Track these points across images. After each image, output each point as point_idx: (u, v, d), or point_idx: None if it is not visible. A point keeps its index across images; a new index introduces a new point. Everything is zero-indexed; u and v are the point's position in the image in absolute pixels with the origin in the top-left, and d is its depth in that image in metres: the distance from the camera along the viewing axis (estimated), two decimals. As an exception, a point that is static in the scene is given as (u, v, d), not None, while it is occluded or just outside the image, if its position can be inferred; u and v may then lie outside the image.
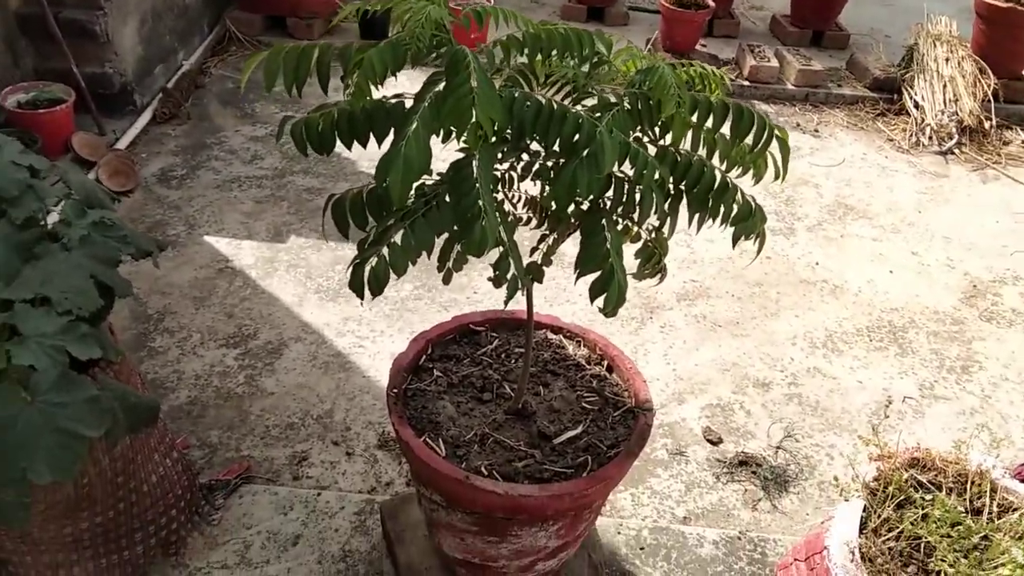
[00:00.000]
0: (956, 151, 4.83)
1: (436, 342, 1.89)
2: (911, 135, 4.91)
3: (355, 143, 1.27)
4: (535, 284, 1.62)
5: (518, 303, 1.63)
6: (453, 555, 1.80)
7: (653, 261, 1.47)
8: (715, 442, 2.63)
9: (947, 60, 5.08)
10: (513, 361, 1.87)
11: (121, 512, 1.84)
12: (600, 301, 1.26)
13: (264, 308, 3.03)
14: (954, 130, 4.89)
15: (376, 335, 2.94)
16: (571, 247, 1.32)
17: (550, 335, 1.97)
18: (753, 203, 1.36)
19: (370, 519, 2.17)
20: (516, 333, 1.96)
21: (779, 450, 2.61)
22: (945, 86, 4.99)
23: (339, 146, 1.32)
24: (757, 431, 2.68)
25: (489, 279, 1.35)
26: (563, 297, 3.21)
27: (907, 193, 4.30)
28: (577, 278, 1.29)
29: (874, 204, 4.14)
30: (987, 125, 4.93)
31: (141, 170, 3.77)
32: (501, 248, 1.21)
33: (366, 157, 4.06)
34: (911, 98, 5.05)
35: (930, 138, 4.89)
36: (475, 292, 3.21)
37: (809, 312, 3.29)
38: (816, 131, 4.88)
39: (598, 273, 1.24)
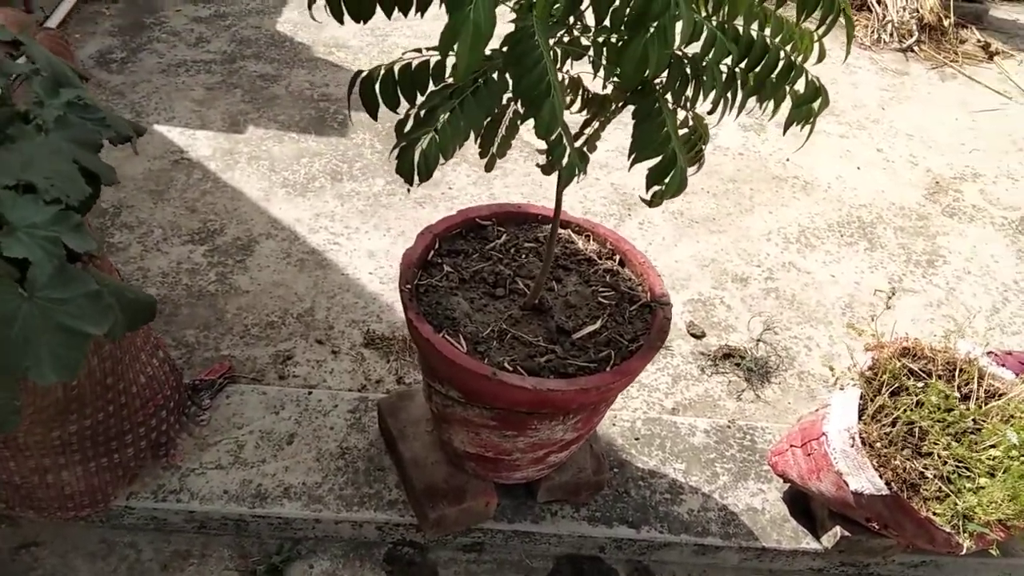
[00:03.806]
0: (916, 48, 4.85)
1: (443, 236, 1.81)
2: (873, 31, 4.89)
3: (396, 9, 1.13)
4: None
5: (496, 193, 1.55)
6: (464, 449, 1.78)
7: (695, 150, 1.40)
8: (698, 336, 2.66)
9: (911, -46, 5.02)
10: (523, 256, 1.81)
11: (111, 414, 1.74)
12: (653, 190, 1.20)
13: (228, 203, 2.86)
14: (915, 27, 4.89)
15: (351, 232, 2.82)
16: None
17: (559, 230, 1.90)
18: (818, 83, 1.30)
19: (365, 416, 2.13)
20: (524, 227, 1.89)
21: (759, 343, 2.66)
22: (909, -19, 4.94)
23: (290, 29, 1.18)
24: (738, 324, 2.72)
25: (538, 165, 1.26)
26: (540, 193, 3.13)
27: (871, 90, 4.31)
28: (632, 163, 1.22)
29: (840, 101, 4.14)
30: (946, 23, 4.94)
31: (76, 52, 3.44)
32: (559, 131, 1.12)
33: (320, 43, 3.80)
34: (875, -7, 5.00)
35: (891, 35, 4.88)
36: (449, 188, 3.10)
37: (782, 208, 3.31)
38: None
39: (657, 159, 1.17)
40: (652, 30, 1.05)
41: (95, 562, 1.84)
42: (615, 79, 1.14)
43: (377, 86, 1.28)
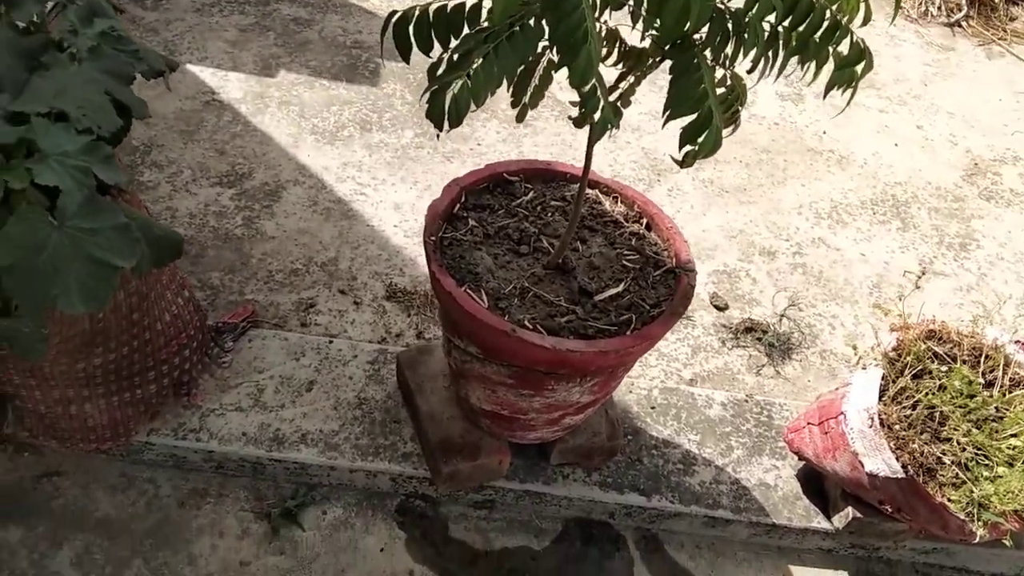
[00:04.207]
0: (963, 24, 4.69)
1: (470, 190, 1.79)
2: (920, 3, 4.73)
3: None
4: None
5: (526, 151, 1.53)
6: (481, 406, 1.79)
7: (732, 111, 1.37)
8: (721, 308, 2.63)
9: (968, -74, 4.83)
10: (549, 214, 1.79)
11: (135, 350, 1.76)
12: (685, 150, 1.18)
13: (257, 147, 2.85)
14: (964, 1, 4.73)
15: (378, 183, 2.81)
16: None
17: (587, 190, 1.88)
18: (863, 46, 1.26)
19: (384, 369, 2.14)
20: (551, 185, 1.86)
21: (783, 318, 2.63)
22: (963, -46, 4.76)
23: None
24: (762, 299, 2.69)
25: (570, 118, 1.24)
26: (569, 154, 3.09)
27: (914, 64, 4.19)
28: (666, 120, 1.19)
29: (881, 74, 4.02)
30: (997, -1, 4.78)
31: (111, -14, 3.42)
32: (593, 81, 1.09)
33: (356, -12, 3.75)
34: (927, -35, 4.83)
35: (939, 8, 4.72)
36: (479, 143, 3.07)
37: (815, 182, 3.25)
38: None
39: (693, 116, 1.14)
40: (697, -19, 1.02)
41: (115, 495, 1.88)
42: (654, 31, 1.10)
43: (411, 27, 1.25)
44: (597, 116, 1.13)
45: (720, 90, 1.38)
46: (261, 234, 2.53)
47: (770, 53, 1.25)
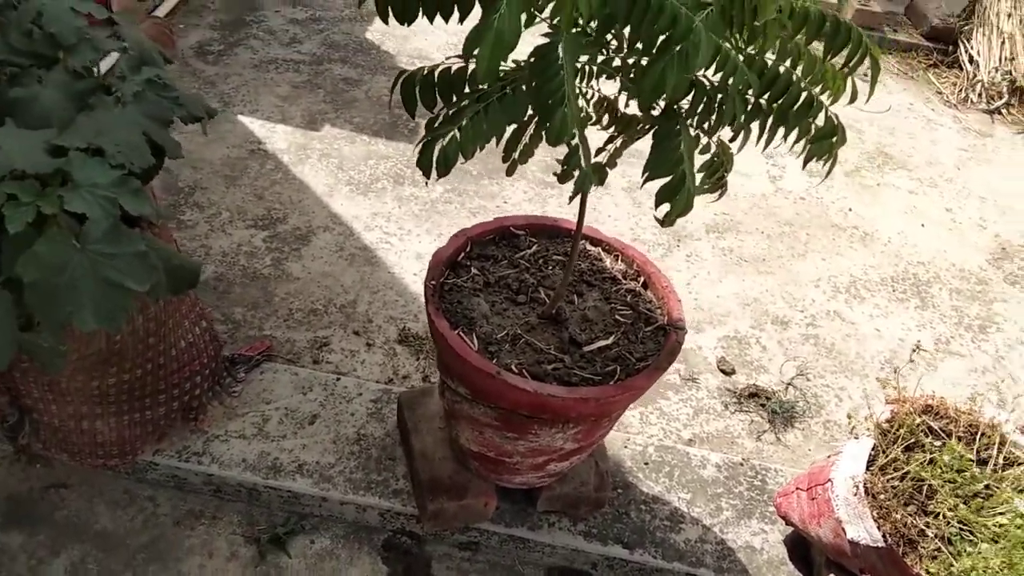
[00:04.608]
0: (1004, 111, 4.72)
1: (476, 240, 1.89)
2: (961, 90, 4.79)
3: (438, 15, 1.22)
4: (580, 194, 1.60)
5: (550, 211, 1.62)
6: (469, 447, 1.85)
7: (717, 176, 1.45)
8: (728, 372, 2.66)
9: (1010, 16, 4.90)
10: (550, 268, 1.88)
11: (148, 372, 1.87)
12: (663, 209, 1.26)
13: (294, 194, 3.02)
14: (1005, 89, 4.76)
15: (404, 233, 2.94)
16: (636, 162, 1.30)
17: (589, 247, 1.96)
18: (836, 121, 1.33)
19: (386, 408, 2.22)
20: (555, 241, 1.95)
21: (790, 387, 2.64)
22: (1004, 43, 4.83)
23: (378, 38, 1.28)
24: (770, 366, 2.71)
25: (554, 174, 1.33)
26: (593, 216, 3.19)
27: (949, 148, 4.22)
28: (645, 181, 1.28)
29: (915, 156, 4.07)
30: (1039, 89, 4.80)
31: (179, 41, 3.69)
32: (574, 141, 1.18)
33: (404, 53, 3.97)
34: (966, 51, 4.91)
35: (979, 95, 4.77)
36: (505, 202, 3.20)
37: (836, 257, 3.28)
38: (865, 75, 4.74)
39: (668, 178, 1.23)
40: (675, 54, 1.11)
41: (115, 510, 1.97)
42: (635, 100, 1.20)
43: (417, 87, 1.37)
44: (576, 173, 1.22)
45: (705, 157, 1.47)
46: (287, 275, 2.67)
47: (755, 125, 1.33)
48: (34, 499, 1.96)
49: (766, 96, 1.31)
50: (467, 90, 1.38)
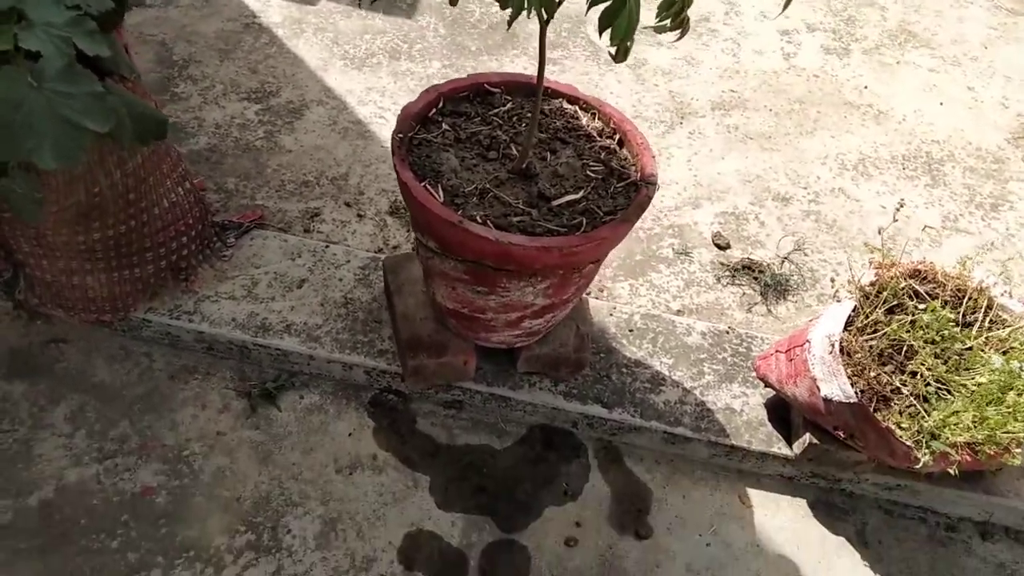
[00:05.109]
0: (1044, -13, 4.42)
1: (449, 97, 1.86)
2: (999, -35, 4.49)
3: None
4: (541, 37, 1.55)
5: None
6: (445, 304, 1.87)
7: (675, 9, 1.39)
8: (722, 247, 2.63)
9: None
10: (524, 125, 1.84)
11: (132, 229, 1.91)
12: (607, 36, 1.21)
13: (288, 68, 2.98)
14: (1048, -36, 4.45)
15: (398, 108, 2.89)
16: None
17: (566, 105, 1.92)
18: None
19: (374, 275, 2.24)
20: (531, 98, 1.91)
21: (785, 261, 2.61)
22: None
23: None
24: (767, 242, 2.68)
25: None
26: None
27: (977, 27, 3.99)
28: (589, 7, 1.23)
29: (940, 34, 3.86)
30: (1086, -39, 4.48)
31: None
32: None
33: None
34: (1009, -79, 4.57)
35: (1019, -30, 4.47)
36: (504, 76, 3.12)
37: (846, 134, 3.17)
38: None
39: (609, 1, 1.18)
40: None
41: (112, 364, 2.05)
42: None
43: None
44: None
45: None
46: (279, 147, 2.66)
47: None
48: (35, 352, 2.04)
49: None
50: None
